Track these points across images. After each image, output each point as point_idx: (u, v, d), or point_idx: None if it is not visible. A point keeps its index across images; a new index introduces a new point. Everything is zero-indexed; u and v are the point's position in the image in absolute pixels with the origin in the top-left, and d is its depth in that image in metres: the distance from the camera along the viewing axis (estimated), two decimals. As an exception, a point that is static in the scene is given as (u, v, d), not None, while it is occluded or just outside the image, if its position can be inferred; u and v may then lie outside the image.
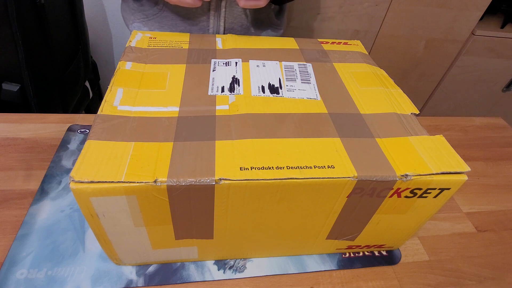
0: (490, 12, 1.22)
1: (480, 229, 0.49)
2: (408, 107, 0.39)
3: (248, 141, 0.32)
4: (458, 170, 0.31)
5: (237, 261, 0.40)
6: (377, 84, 0.43)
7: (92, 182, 0.26)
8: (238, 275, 0.38)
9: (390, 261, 0.42)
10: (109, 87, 0.36)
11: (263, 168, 0.29)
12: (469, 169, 0.31)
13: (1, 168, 0.46)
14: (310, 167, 0.30)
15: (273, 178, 0.28)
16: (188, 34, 0.50)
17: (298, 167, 0.29)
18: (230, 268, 0.39)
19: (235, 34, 0.58)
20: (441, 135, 0.35)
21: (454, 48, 1.25)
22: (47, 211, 0.42)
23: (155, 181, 0.27)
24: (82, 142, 0.51)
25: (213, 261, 0.39)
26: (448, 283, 0.41)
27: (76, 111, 1.03)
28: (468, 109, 1.46)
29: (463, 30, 1.19)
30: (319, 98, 0.39)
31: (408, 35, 1.18)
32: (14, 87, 0.77)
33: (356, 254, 0.42)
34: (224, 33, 0.59)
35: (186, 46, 0.46)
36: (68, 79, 0.93)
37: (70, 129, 0.53)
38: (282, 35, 0.69)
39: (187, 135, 0.32)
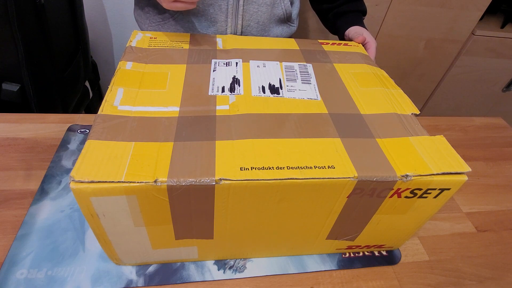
0: (490, 12, 1.22)
1: (480, 229, 0.49)
2: (408, 107, 0.39)
3: (248, 141, 0.32)
4: (458, 171, 0.31)
5: (237, 261, 0.40)
6: (378, 84, 0.43)
7: (92, 182, 0.26)
8: (238, 275, 0.38)
9: (390, 261, 0.42)
10: (110, 87, 0.36)
11: (263, 168, 0.29)
12: (470, 169, 0.31)
13: (1, 168, 0.46)
14: (310, 167, 0.30)
15: (273, 178, 0.28)
16: (189, 34, 0.50)
17: (298, 167, 0.29)
18: (230, 268, 0.39)
19: (252, 32, 0.59)
20: (442, 135, 0.35)
21: (454, 48, 1.25)
22: (47, 211, 0.42)
23: (155, 181, 0.27)
24: (82, 142, 0.51)
25: (213, 261, 0.39)
26: (448, 283, 0.41)
27: (76, 111, 1.02)
28: (468, 109, 1.46)
29: (463, 30, 1.19)
30: (319, 98, 0.39)
31: (408, 35, 1.18)
32: (14, 87, 0.77)
33: (356, 254, 0.42)
34: (241, 31, 0.60)
35: (186, 46, 0.46)
36: (68, 79, 0.92)
37: (70, 129, 0.53)
38: (296, 33, 0.70)
39: (187, 135, 0.32)
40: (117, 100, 0.35)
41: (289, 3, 0.62)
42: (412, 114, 0.38)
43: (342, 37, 0.66)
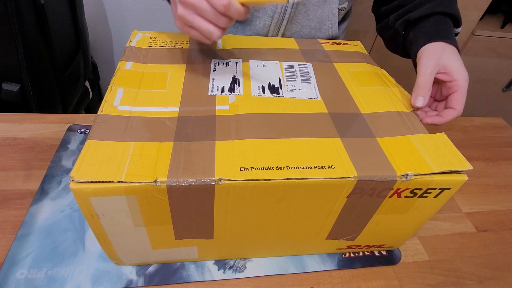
0: (490, 12, 1.22)
1: (480, 229, 0.49)
2: (409, 105, 0.39)
3: (248, 141, 0.32)
4: (459, 168, 0.31)
5: (237, 261, 0.40)
6: (378, 83, 0.43)
7: (92, 182, 0.26)
8: (238, 275, 0.38)
9: (390, 261, 0.42)
10: (109, 87, 0.36)
11: (263, 168, 0.29)
12: (471, 167, 0.31)
13: (1, 168, 0.46)
14: (310, 167, 0.30)
15: (273, 178, 0.28)
16: (188, 34, 0.50)
17: (298, 167, 0.29)
18: (230, 268, 0.39)
19: None
20: (443, 133, 0.35)
21: (454, 48, 1.25)
22: (47, 211, 0.42)
23: (155, 181, 0.27)
24: (82, 142, 0.51)
25: (213, 261, 0.39)
26: (448, 283, 0.41)
27: (76, 111, 1.03)
28: (468, 109, 1.46)
29: (463, 30, 1.19)
30: (319, 98, 0.39)
31: (408, 35, 1.18)
32: (14, 87, 0.77)
33: (356, 254, 0.42)
34: None
35: (186, 46, 0.46)
36: (68, 79, 0.93)
37: (70, 129, 0.53)
38: None
39: (187, 135, 0.32)
40: (117, 100, 0.35)
41: (337, 29, 0.58)
42: (413, 110, 0.38)
43: (415, 63, 0.43)
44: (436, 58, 0.39)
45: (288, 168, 0.29)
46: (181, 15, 0.34)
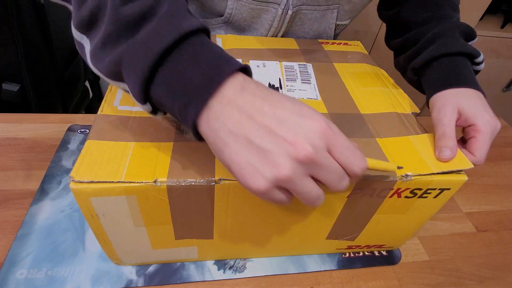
0: (490, 12, 1.22)
1: (480, 229, 0.49)
2: (408, 106, 0.39)
3: (248, 141, 0.32)
4: (460, 167, 0.31)
5: (237, 261, 0.40)
6: (378, 84, 0.43)
7: (92, 182, 0.26)
8: (238, 275, 0.38)
9: (390, 261, 0.42)
10: (109, 87, 0.36)
11: (263, 168, 0.29)
12: (472, 165, 0.31)
13: (1, 168, 0.46)
14: (310, 167, 0.30)
15: (273, 178, 0.28)
16: (188, 34, 0.50)
17: (298, 167, 0.29)
18: (230, 268, 0.39)
19: None
20: None
21: (454, 48, 1.25)
22: (47, 211, 0.42)
23: (155, 181, 0.27)
24: (82, 142, 0.51)
25: (213, 261, 0.39)
26: (448, 283, 0.41)
27: (76, 111, 1.03)
28: (468, 109, 1.46)
29: (463, 30, 1.19)
30: (319, 98, 0.39)
31: (408, 35, 1.18)
32: (14, 87, 0.77)
33: (356, 254, 0.42)
34: None
35: (186, 46, 0.46)
36: (68, 79, 0.93)
37: (70, 129, 0.53)
38: None
39: (187, 135, 0.32)
40: (117, 100, 0.35)
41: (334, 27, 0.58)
42: (412, 113, 0.38)
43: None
44: (449, 106, 0.36)
45: (288, 168, 0.29)
46: (291, 178, 0.22)
